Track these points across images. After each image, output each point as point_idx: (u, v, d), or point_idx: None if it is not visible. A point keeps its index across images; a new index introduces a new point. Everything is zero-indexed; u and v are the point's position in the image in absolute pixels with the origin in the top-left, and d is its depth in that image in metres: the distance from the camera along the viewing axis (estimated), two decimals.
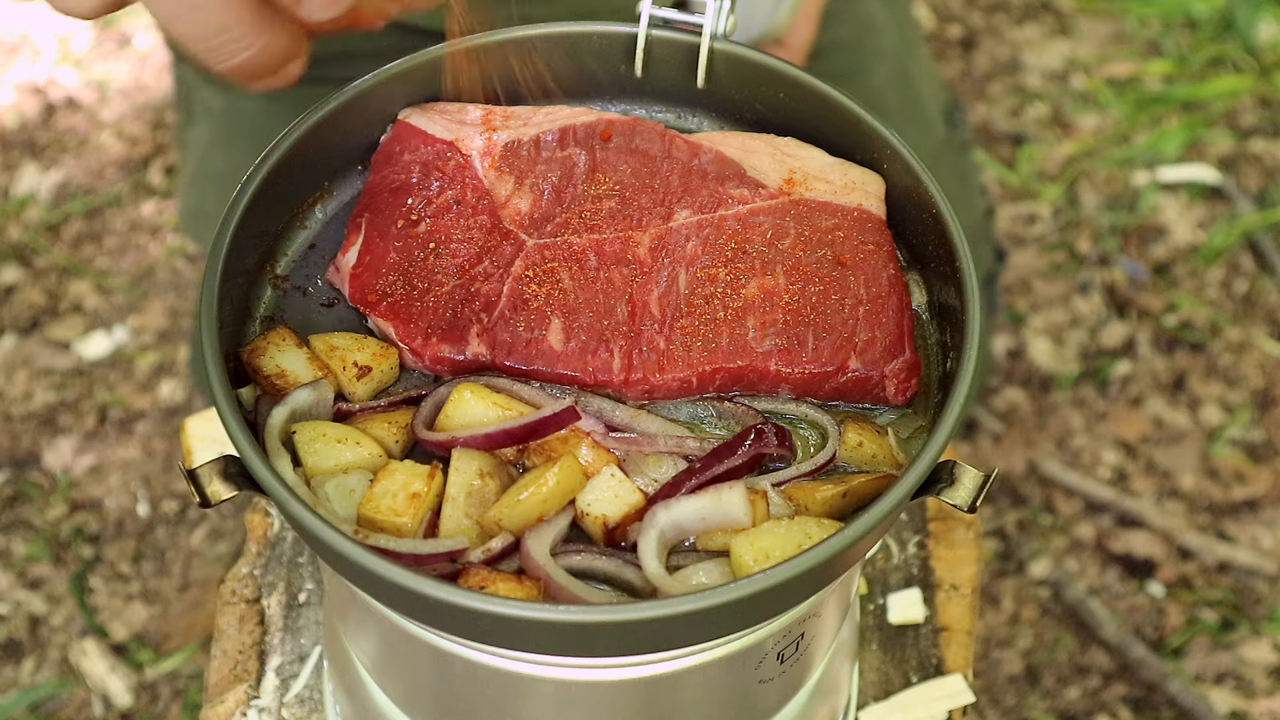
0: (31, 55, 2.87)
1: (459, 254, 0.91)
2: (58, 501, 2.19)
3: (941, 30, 2.95)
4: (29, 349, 2.38)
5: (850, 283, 0.90)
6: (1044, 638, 2.08)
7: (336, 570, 0.78)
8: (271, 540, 1.23)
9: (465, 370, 0.88)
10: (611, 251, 0.91)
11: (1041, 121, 2.77)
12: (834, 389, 0.88)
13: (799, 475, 0.84)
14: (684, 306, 0.89)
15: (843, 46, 1.59)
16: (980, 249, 1.81)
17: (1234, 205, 2.61)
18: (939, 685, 1.16)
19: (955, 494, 0.78)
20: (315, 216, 0.97)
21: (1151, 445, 2.29)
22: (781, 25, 1.49)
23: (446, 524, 0.80)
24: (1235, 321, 2.45)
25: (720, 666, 0.85)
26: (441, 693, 0.92)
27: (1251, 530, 2.19)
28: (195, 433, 1.29)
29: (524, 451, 0.84)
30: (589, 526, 0.81)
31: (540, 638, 0.74)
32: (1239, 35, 2.87)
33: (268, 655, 1.16)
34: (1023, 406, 2.34)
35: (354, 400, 0.87)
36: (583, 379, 0.87)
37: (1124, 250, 2.55)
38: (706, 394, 0.89)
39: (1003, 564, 2.16)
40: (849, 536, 0.73)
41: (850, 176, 0.96)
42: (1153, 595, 2.12)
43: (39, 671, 2.01)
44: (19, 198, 2.61)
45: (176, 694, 2.00)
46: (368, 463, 0.82)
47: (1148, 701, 2.00)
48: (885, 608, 1.21)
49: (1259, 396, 2.35)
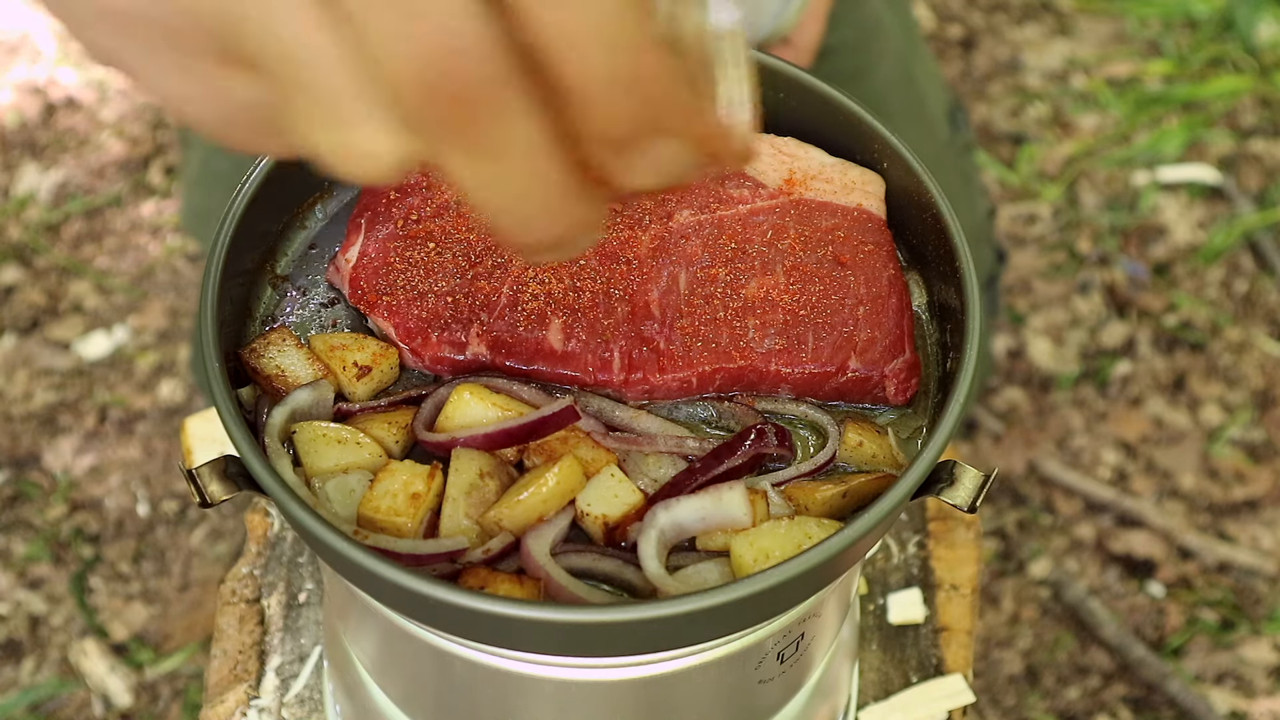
0: (31, 55, 2.87)
1: (459, 254, 0.91)
2: (58, 501, 2.19)
3: (941, 30, 2.95)
4: (29, 349, 2.38)
5: (850, 283, 0.90)
6: (1044, 638, 2.08)
7: (336, 570, 0.78)
8: (271, 540, 1.23)
9: (465, 370, 0.88)
10: (611, 251, 0.91)
11: (1041, 121, 2.77)
12: (834, 389, 0.88)
13: (799, 475, 0.84)
14: (684, 306, 0.89)
15: (848, 47, 1.59)
16: (981, 250, 1.81)
17: (1234, 205, 2.61)
18: (939, 685, 1.16)
19: (955, 494, 0.78)
20: (315, 216, 0.97)
21: (1151, 445, 2.30)
22: (788, 25, 1.49)
23: (446, 524, 0.80)
24: (1235, 321, 2.45)
25: (720, 666, 0.85)
26: (441, 693, 0.92)
27: (1251, 530, 2.19)
28: (195, 433, 1.29)
29: (524, 451, 0.84)
30: (589, 526, 0.81)
31: (540, 638, 0.74)
32: (1239, 35, 2.87)
33: (268, 655, 1.16)
34: (1023, 406, 2.34)
35: (354, 400, 0.87)
36: (583, 379, 0.87)
37: (1124, 250, 2.55)
38: (706, 394, 0.89)
39: (1003, 564, 2.16)
40: (849, 536, 0.73)
41: (850, 176, 0.96)
42: (1153, 595, 2.12)
43: (39, 671, 2.01)
44: (19, 198, 2.61)
45: (176, 694, 2.00)
46: (368, 463, 0.82)
47: (1148, 701, 2.00)
48: (885, 608, 1.21)
49: (1259, 396, 2.35)
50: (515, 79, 0.49)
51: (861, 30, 1.62)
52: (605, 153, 0.52)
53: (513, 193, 0.52)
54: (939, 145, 1.71)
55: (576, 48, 0.48)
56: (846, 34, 1.59)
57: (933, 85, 1.75)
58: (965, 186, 1.76)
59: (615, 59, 0.49)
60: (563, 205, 0.53)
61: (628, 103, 0.50)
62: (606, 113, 0.50)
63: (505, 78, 0.48)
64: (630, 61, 0.49)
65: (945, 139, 1.73)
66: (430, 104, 0.48)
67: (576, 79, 0.49)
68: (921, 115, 1.70)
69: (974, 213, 1.77)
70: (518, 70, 0.49)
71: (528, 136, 0.50)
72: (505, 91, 0.48)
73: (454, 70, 0.47)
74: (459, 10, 0.47)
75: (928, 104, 1.72)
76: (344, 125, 0.50)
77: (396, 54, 0.47)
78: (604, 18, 0.48)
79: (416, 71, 0.47)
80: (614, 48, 0.48)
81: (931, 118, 1.72)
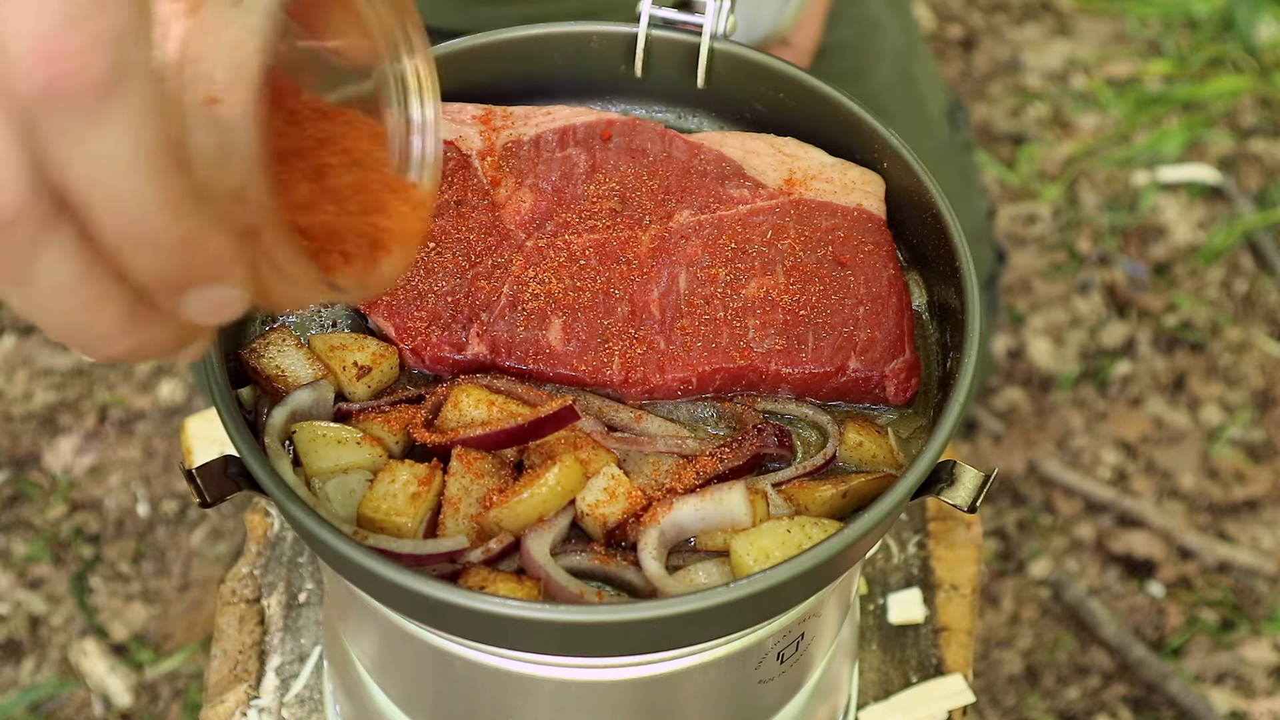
0: None
1: (459, 254, 0.91)
2: (58, 501, 2.19)
3: (941, 30, 2.95)
4: (29, 349, 2.38)
5: (850, 283, 0.90)
6: (1044, 638, 2.08)
7: (336, 570, 0.78)
8: (271, 540, 1.23)
9: (465, 370, 0.88)
10: (611, 251, 0.91)
11: (1041, 121, 2.77)
12: (834, 389, 0.88)
13: (799, 475, 0.84)
14: (684, 306, 0.89)
15: (847, 47, 1.59)
16: (981, 249, 1.81)
17: (1234, 205, 2.61)
18: (939, 685, 1.16)
19: (955, 494, 0.78)
20: None
21: (1151, 445, 2.29)
22: (787, 25, 1.49)
23: (446, 524, 0.80)
24: (1235, 321, 2.45)
25: (720, 666, 0.85)
26: (441, 693, 0.92)
27: (1251, 530, 2.19)
28: (195, 433, 1.29)
29: (524, 451, 0.84)
30: (589, 526, 0.81)
31: (540, 638, 0.74)
32: (1239, 35, 2.87)
33: (268, 655, 1.16)
34: (1023, 406, 2.34)
35: (354, 400, 0.87)
36: (583, 379, 0.87)
37: (1124, 250, 2.55)
38: (706, 394, 0.89)
39: (1003, 564, 2.16)
40: (849, 536, 0.73)
41: (850, 176, 0.96)
42: (1153, 595, 2.12)
43: (39, 671, 2.01)
44: None
45: (176, 694, 2.00)
46: (368, 463, 0.82)
47: (1148, 701, 2.00)
48: (885, 608, 1.21)
49: (1259, 396, 2.35)
50: (45, 218, 0.49)
51: (860, 30, 1.62)
52: (152, 295, 0.52)
53: (56, 319, 0.52)
54: (938, 145, 1.71)
55: (95, 208, 0.49)
56: (845, 34, 1.59)
57: (932, 85, 1.75)
58: (965, 186, 1.76)
59: (133, 223, 0.49)
60: (120, 332, 0.52)
61: (153, 259, 0.50)
62: (134, 265, 0.50)
63: (32, 216, 0.48)
64: (151, 225, 0.49)
65: (944, 138, 1.73)
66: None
67: (101, 234, 0.50)
68: (920, 115, 1.70)
69: (973, 212, 1.77)
70: (53, 211, 0.49)
71: (62, 271, 0.50)
72: (31, 229, 0.48)
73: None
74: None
75: (927, 103, 1.72)
76: None
77: None
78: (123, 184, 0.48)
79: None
80: (134, 212, 0.49)
81: (930, 117, 1.72)
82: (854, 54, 1.61)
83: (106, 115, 0.47)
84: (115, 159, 0.48)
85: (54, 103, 0.47)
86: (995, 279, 1.90)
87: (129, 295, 0.52)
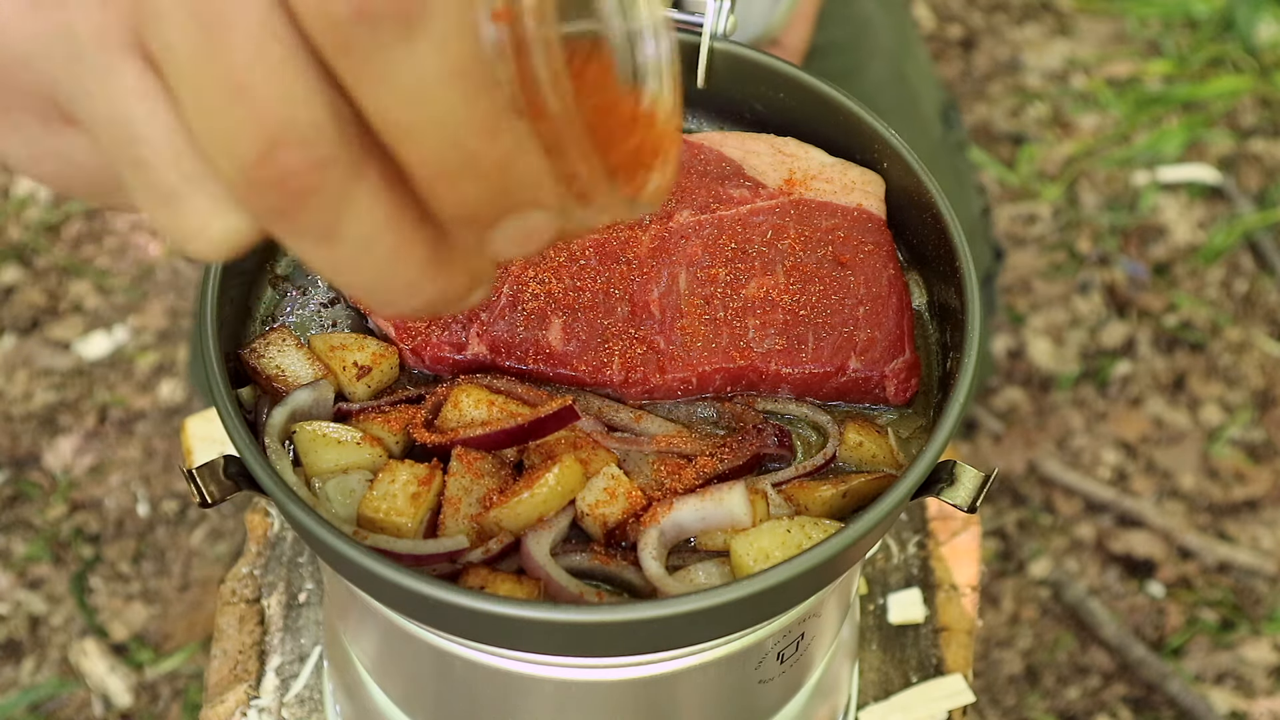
0: None
1: None
2: (58, 501, 2.19)
3: (941, 30, 2.95)
4: (29, 349, 2.38)
5: (850, 283, 0.90)
6: (1044, 638, 2.08)
7: (336, 570, 0.78)
8: (271, 540, 1.23)
9: (465, 370, 0.88)
10: (611, 251, 0.91)
11: (1041, 121, 2.77)
12: (834, 389, 0.88)
13: (799, 475, 0.84)
14: (684, 306, 0.89)
15: (838, 47, 1.59)
16: (978, 248, 1.81)
17: (1234, 205, 2.61)
18: (939, 685, 1.16)
19: (955, 494, 0.78)
20: None
21: (1151, 445, 2.30)
22: (777, 26, 1.49)
23: (446, 524, 0.80)
24: (1235, 321, 2.45)
25: (720, 666, 0.85)
26: (441, 693, 0.92)
27: (1251, 530, 2.19)
28: (195, 433, 1.29)
29: (524, 451, 0.84)
30: (589, 526, 0.81)
31: (540, 638, 0.74)
32: (1239, 35, 2.87)
33: (268, 655, 1.16)
34: (1023, 406, 2.34)
35: (354, 400, 0.87)
36: (583, 379, 0.87)
37: (1124, 250, 2.55)
38: (706, 394, 0.89)
39: (1003, 564, 2.16)
40: (849, 536, 0.73)
41: (850, 176, 0.96)
42: (1153, 595, 2.12)
43: (39, 671, 2.01)
44: (19, 198, 2.61)
45: (176, 694, 2.00)
46: (368, 463, 0.82)
47: (1148, 701, 2.00)
48: (885, 608, 1.21)
49: (1259, 396, 2.35)
50: (354, 163, 0.46)
51: (852, 29, 1.62)
52: (461, 230, 0.49)
53: (361, 275, 0.48)
54: (932, 144, 1.71)
55: (412, 137, 0.45)
56: (836, 33, 1.59)
57: (925, 84, 1.75)
58: (959, 185, 1.76)
59: (452, 148, 0.46)
60: (425, 279, 0.49)
61: (472, 187, 0.47)
62: (451, 197, 0.47)
63: (341, 162, 0.45)
64: (470, 148, 0.46)
65: (938, 137, 1.73)
66: (259, 188, 0.45)
67: (415, 167, 0.46)
68: (914, 114, 1.70)
69: (968, 211, 1.77)
70: (360, 153, 0.46)
71: (370, 221, 0.47)
72: (340, 177, 0.45)
73: (284, 155, 0.44)
74: (292, 94, 0.44)
75: (920, 103, 1.72)
76: (172, 200, 0.47)
77: (222, 136, 0.44)
78: (439, 107, 0.45)
79: (244, 155, 0.44)
80: (452, 136, 0.45)
81: (924, 116, 1.72)
82: (845, 53, 1.61)
83: (423, 31, 0.43)
84: (431, 80, 0.44)
85: (366, 24, 0.43)
86: (992, 277, 1.90)
87: (431, 238, 0.49)
